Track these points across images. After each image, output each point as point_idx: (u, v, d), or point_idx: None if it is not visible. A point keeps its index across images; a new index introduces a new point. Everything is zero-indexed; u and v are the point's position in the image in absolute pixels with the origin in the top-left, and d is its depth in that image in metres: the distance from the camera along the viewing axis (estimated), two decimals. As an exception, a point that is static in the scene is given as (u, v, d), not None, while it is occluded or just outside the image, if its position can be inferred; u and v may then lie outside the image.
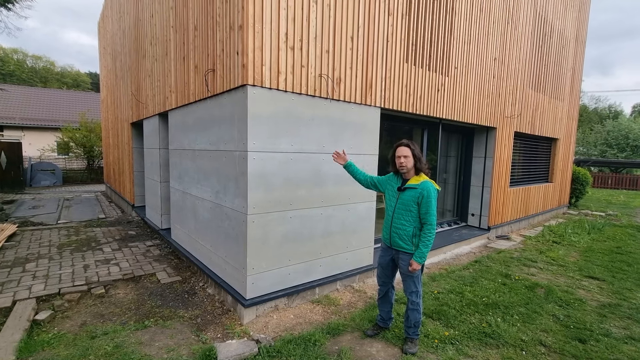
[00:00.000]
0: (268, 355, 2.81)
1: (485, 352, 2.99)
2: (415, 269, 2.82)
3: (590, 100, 44.39)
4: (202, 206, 4.30)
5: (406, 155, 2.81)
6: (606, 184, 21.12)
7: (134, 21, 7.28)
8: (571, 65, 9.61)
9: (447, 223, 7.25)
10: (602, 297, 4.27)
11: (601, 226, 8.49)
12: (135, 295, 4.01)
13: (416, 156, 2.81)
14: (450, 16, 5.47)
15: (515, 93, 7.33)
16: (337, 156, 3.25)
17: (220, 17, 3.58)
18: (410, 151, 2.81)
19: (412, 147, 2.82)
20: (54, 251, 5.46)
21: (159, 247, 5.84)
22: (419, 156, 2.83)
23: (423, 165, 2.85)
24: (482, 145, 7.10)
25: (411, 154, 2.80)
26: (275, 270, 3.60)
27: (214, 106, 3.87)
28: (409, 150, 2.81)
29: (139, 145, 8.13)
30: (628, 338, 3.30)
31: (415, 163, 2.83)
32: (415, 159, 2.82)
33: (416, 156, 2.81)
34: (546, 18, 8.01)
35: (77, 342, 2.99)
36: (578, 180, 11.48)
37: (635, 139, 26.35)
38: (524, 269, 5.26)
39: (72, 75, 43.54)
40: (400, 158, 2.83)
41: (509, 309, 3.78)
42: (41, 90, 25.24)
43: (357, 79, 4.14)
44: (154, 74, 6.05)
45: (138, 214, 7.95)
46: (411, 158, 2.81)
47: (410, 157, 2.80)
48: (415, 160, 2.82)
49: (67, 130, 16.67)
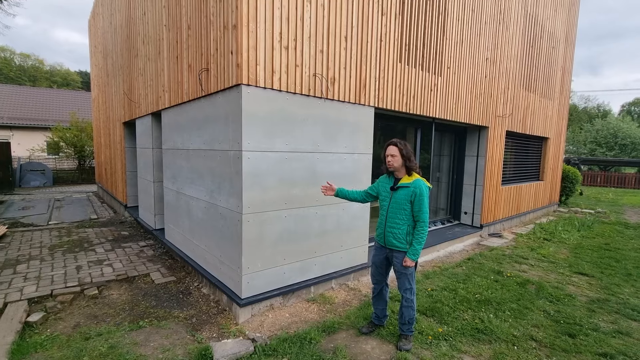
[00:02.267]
0: (264, 353, 2.83)
1: (478, 348, 3.04)
2: (409, 265, 2.86)
3: (579, 99, 45.20)
4: (197, 206, 4.29)
5: (394, 155, 2.86)
6: (595, 182, 21.51)
7: (125, 19, 7.20)
8: (561, 65, 9.76)
9: (440, 221, 7.33)
10: (591, 293, 4.36)
11: (590, 223, 8.66)
12: (129, 296, 3.98)
13: (404, 155, 2.85)
14: (443, 16, 5.52)
15: (506, 92, 7.43)
16: (326, 189, 3.25)
17: (214, 16, 3.57)
18: (398, 150, 2.85)
19: (400, 147, 2.85)
20: (45, 252, 5.39)
21: (153, 248, 5.80)
22: (407, 155, 2.85)
23: (413, 164, 2.87)
24: (474, 144, 7.18)
25: (399, 154, 2.85)
26: (270, 269, 3.61)
27: (208, 105, 3.86)
28: (396, 150, 2.85)
29: (132, 145, 8.05)
30: (616, 332, 3.38)
31: (405, 162, 2.86)
32: (404, 158, 2.85)
33: (404, 155, 2.85)
34: (537, 19, 8.13)
35: (71, 343, 2.97)
36: (568, 178, 11.69)
37: (623, 138, 26.87)
38: (516, 265, 5.34)
39: (62, 73, 42.81)
40: (388, 157, 2.89)
41: (501, 305, 3.85)
42: (30, 89, 24.79)
43: (351, 79, 4.16)
44: (146, 73, 6.00)
45: (131, 215, 7.88)
46: (399, 157, 2.85)
47: (398, 156, 2.85)
48: (403, 160, 2.85)
49: (57, 130, 16.41)
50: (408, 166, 2.88)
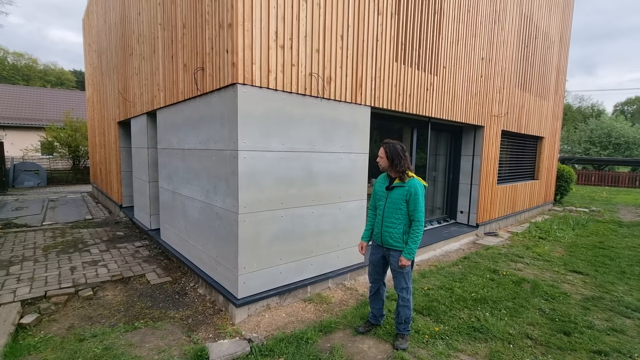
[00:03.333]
0: (260, 354, 2.81)
1: (474, 346, 3.05)
2: (405, 265, 2.87)
3: (574, 99, 45.55)
4: (192, 206, 4.26)
5: (381, 156, 2.95)
6: (590, 181, 21.70)
7: (120, 17, 7.14)
8: (556, 65, 9.83)
9: (436, 220, 7.35)
10: (586, 291, 4.40)
11: (585, 222, 8.73)
12: (124, 296, 3.95)
13: (389, 157, 2.88)
14: (438, 16, 5.53)
15: (502, 92, 7.46)
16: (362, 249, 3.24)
17: (210, 15, 3.54)
18: (384, 152, 2.92)
19: (386, 149, 2.91)
20: (39, 253, 5.33)
21: (148, 248, 5.76)
22: (392, 157, 2.86)
23: (402, 165, 2.86)
24: (470, 144, 7.21)
25: (385, 155, 2.91)
26: (266, 269, 3.60)
27: (204, 105, 3.83)
28: (383, 151, 2.93)
29: (127, 145, 7.99)
30: (610, 330, 3.41)
31: (392, 162, 2.88)
32: (389, 160, 2.88)
33: (389, 157, 2.88)
34: (531, 19, 8.17)
35: (65, 345, 2.94)
36: (563, 177, 11.78)
37: (617, 138, 27.12)
38: (511, 264, 5.37)
39: (56, 73, 42.38)
40: (378, 158, 2.99)
41: (497, 304, 3.86)
42: (23, 88, 24.53)
43: (347, 78, 4.16)
44: (141, 72, 5.95)
45: (126, 215, 7.82)
46: (385, 159, 2.91)
47: (384, 158, 2.91)
48: (389, 161, 2.89)
49: (51, 130, 16.23)
50: (394, 166, 2.88)
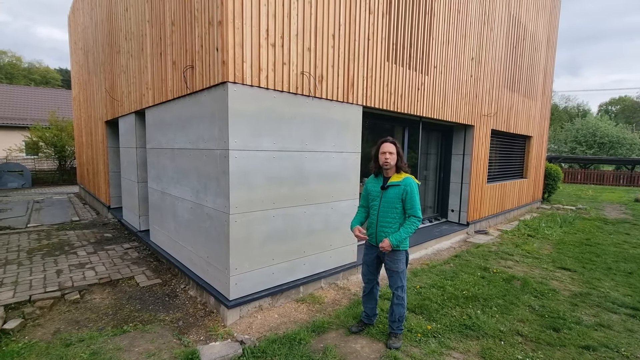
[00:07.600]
0: (253, 355, 2.78)
1: (466, 344, 3.07)
2: (385, 247, 2.82)
3: (560, 99, 46.62)
4: (182, 206, 4.20)
5: (391, 152, 2.88)
6: (576, 180, 22.17)
7: (106, 14, 6.98)
8: (543, 66, 10.01)
9: (428, 219, 7.40)
10: (574, 287, 4.48)
11: (572, 219, 8.91)
12: (112, 299, 3.86)
13: (400, 154, 2.91)
14: (429, 16, 5.56)
15: (491, 92, 7.56)
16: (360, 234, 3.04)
17: (199, 12, 3.49)
18: (395, 148, 2.89)
19: (397, 145, 2.91)
20: (23, 256, 5.18)
21: (137, 250, 5.65)
22: (401, 154, 2.93)
23: (403, 163, 2.94)
24: (460, 143, 7.28)
25: (395, 152, 2.88)
26: (258, 270, 3.56)
27: (194, 104, 3.77)
28: (394, 148, 2.88)
29: (115, 145, 7.83)
30: (598, 325, 3.47)
31: (398, 161, 2.90)
32: (399, 157, 2.90)
33: (400, 154, 2.91)
34: (519, 21, 8.30)
35: (50, 350, 2.85)
36: (550, 176, 12.00)
37: (601, 137, 27.79)
38: (502, 262, 5.44)
39: (41, 71, 41.33)
40: (386, 154, 2.88)
41: (487, 301, 3.90)
42: (7, 87, 23.82)
43: (339, 77, 4.14)
44: (129, 70, 5.84)
45: (114, 216, 7.67)
46: (395, 155, 2.88)
47: (395, 154, 2.88)
48: (399, 158, 2.90)
49: (36, 129, 15.82)
50: (399, 165, 2.91)
